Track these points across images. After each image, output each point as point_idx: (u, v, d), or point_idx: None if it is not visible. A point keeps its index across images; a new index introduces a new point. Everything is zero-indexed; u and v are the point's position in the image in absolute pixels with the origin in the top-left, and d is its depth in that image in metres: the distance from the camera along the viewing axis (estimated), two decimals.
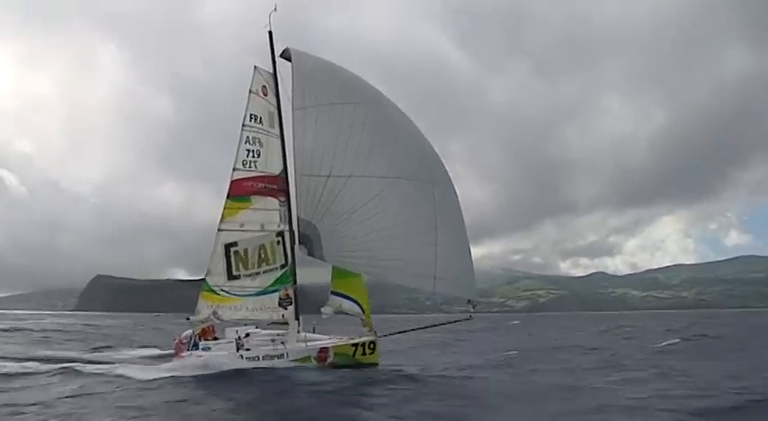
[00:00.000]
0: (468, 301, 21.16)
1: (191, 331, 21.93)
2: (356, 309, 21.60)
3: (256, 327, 22.42)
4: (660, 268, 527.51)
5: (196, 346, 20.99)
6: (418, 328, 24.82)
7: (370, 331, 21.50)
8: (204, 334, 21.64)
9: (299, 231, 18.87)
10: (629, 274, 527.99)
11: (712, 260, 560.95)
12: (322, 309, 21.51)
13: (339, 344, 21.01)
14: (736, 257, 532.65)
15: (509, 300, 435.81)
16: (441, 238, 19.86)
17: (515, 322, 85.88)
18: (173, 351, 21.62)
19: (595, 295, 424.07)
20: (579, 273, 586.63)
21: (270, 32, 22.42)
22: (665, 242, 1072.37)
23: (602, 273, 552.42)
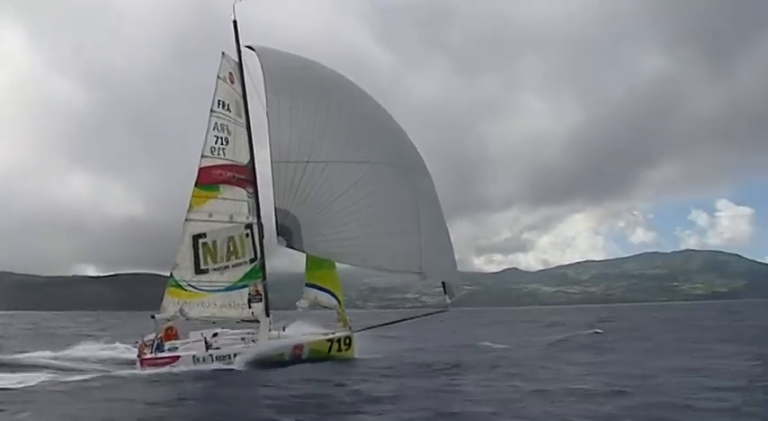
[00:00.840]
0: (445, 292, 21.28)
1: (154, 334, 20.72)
2: (332, 301, 21.22)
3: (222, 329, 21.38)
4: (570, 264, 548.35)
5: (160, 348, 19.78)
6: (393, 322, 24.44)
7: (344, 326, 21.05)
8: (167, 337, 20.32)
9: (276, 222, 18.15)
10: (541, 270, 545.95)
11: (619, 256, 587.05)
12: (297, 303, 21.12)
13: (314, 340, 20.48)
14: (641, 254, 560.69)
15: (423, 295, 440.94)
16: (423, 224, 19.83)
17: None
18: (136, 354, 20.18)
19: (507, 291, 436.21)
20: (493, 269, 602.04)
21: (234, 22, 21.72)
22: (575, 239, 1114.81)
23: (515, 269, 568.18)
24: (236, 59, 21.46)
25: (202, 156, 20.23)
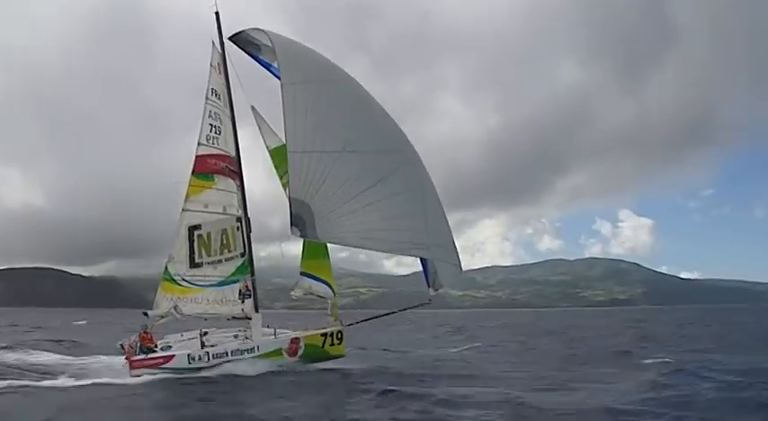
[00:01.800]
0: (429, 285, 21.25)
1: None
2: (328, 291, 21.24)
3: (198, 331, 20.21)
4: (479, 269, 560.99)
5: (143, 351, 18.94)
6: (382, 315, 24.38)
7: (336, 321, 20.90)
8: (143, 341, 19.25)
9: (291, 212, 17.66)
10: None
11: (526, 262, 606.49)
12: (292, 293, 21.01)
13: (309, 334, 20.31)
14: (547, 260, 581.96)
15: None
16: (428, 208, 19.91)
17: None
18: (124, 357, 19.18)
19: (415, 293, 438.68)
20: (403, 271, 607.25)
21: (216, 13, 21.24)
22: (485, 244, 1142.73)
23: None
24: (220, 50, 21.01)
25: (199, 144, 19.74)
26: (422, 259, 20.92)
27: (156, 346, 19.33)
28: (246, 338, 19.72)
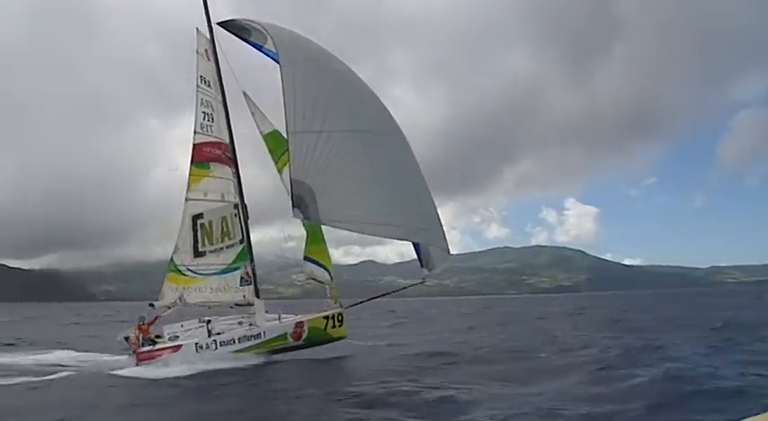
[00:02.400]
0: (422, 265, 21.44)
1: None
2: (326, 276, 21.46)
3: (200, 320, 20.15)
4: None
5: (147, 344, 19.07)
6: (378, 296, 24.93)
7: (336, 303, 21.21)
8: (143, 334, 19.39)
9: (292, 193, 17.52)
10: (398, 263, 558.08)
11: (473, 251, 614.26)
12: (294, 277, 21.09)
13: (312, 317, 20.49)
14: (493, 248, 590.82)
15: (280, 286, 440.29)
16: (422, 191, 20.24)
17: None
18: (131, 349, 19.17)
19: (363, 283, 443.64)
20: (351, 261, 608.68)
21: None
22: None
23: (373, 261, 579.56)
24: (208, 36, 21.03)
25: (195, 133, 19.91)
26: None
27: (157, 337, 19.48)
28: (251, 324, 19.89)
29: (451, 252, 21.49)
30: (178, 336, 19.12)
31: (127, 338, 19.21)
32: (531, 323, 37.29)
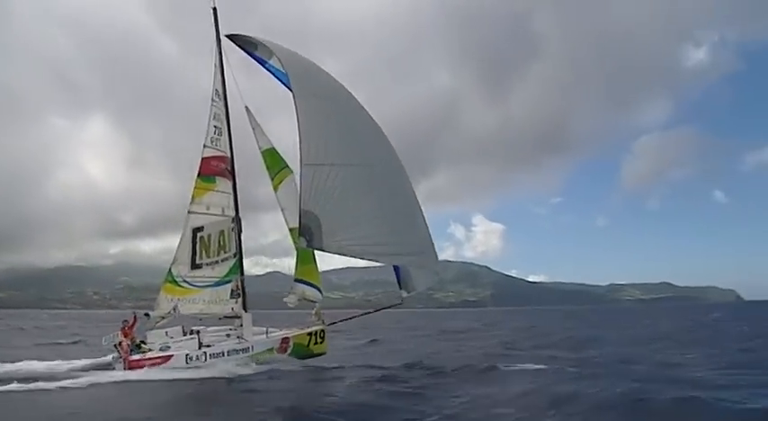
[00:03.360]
0: (400, 287, 22.57)
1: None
2: (318, 295, 22.54)
3: (187, 330, 20.54)
4: (335, 269, 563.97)
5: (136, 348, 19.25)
6: (362, 314, 25.79)
7: (318, 320, 22.13)
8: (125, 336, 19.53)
9: (301, 223, 18.03)
10: None
11: (380, 264, 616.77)
12: (285, 299, 21.91)
13: (297, 333, 21.34)
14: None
15: None
16: (418, 218, 21.27)
17: None
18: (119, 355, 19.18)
19: (270, 295, 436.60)
20: (259, 271, 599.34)
21: (214, 9, 21.75)
22: None
23: (280, 272, 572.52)
24: (217, 48, 21.47)
25: (204, 146, 20.27)
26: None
27: (142, 343, 19.61)
28: (238, 337, 20.39)
29: (380, 264, 22.46)
30: (170, 347, 19.34)
31: (118, 345, 19.17)
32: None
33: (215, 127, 20.49)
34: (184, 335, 19.96)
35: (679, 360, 21.85)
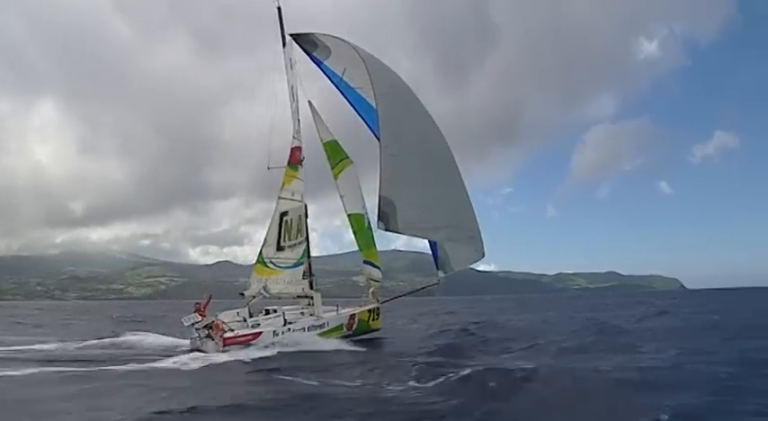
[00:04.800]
0: (437, 268, 24.63)
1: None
2: (380, 275, 25.02)
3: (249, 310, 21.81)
4: None
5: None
6: (402, 295, 30.10)
7: (374, 299, 24.63)
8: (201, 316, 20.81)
9: (380, 208, 19.75)
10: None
11: (333, 253, 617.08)
12: (355, 278, 23.73)
13: (361, 310, 23.56)
14: (353, 251, 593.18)
15: (129, 286, 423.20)
16: (468, 202, 23.41)
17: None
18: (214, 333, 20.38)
19: (218, 283, 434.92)
20: (209, 260, 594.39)
21: (279, 8, 23.38)
22: None
23: (229, 262, 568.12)
24: (282, 47, 23.03)
25: (293, 137, 22.06)
26: (431, 243, 24.26)
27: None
28: (311, 315, 22.16)
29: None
30: (259, 324, 20.84)
31: (211, 325, 20.40)
32: None
33: (297, 120, 22.12)
34: (250, 315, 21.26)
35: None
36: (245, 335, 20.01)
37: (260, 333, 20.26)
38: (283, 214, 21.51)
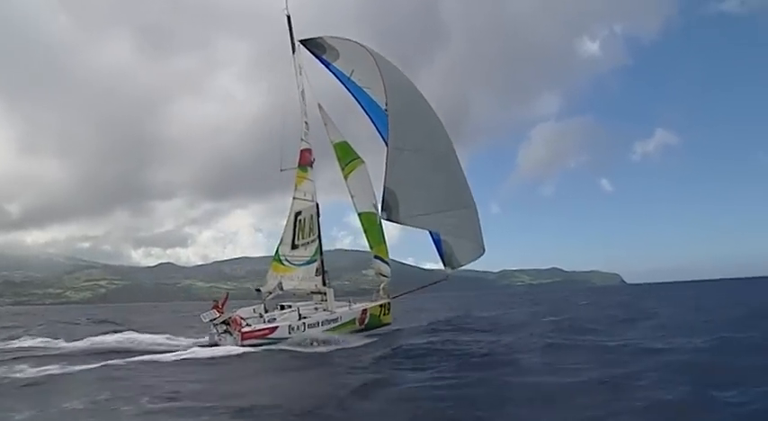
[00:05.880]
0: (444, 265, 25.81)
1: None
2: (389, 270, 25.90)
3: (265, 307, 22.66)
4: (228, 260, 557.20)
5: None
6: (416, 289, 29.26)
7: (384, 294, 25.56)
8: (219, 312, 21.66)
9: (384, 199, 20.31)
10: (199, 266, 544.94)
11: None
12: (365, 271, 24.48)
13: (373, 305, 24.47)
14: None
15: (68, 290, 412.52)
16: (469, 197, 24.20)
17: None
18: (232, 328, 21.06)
19: (160, 286, 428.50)
20: (151, 263, 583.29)
21: (288, 17, 24.15)
22: (237, 235, 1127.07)
23: (172, 264, 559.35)
24: (292, 53, 23.84)
25: (301, 140, 22.90)
26: (434, 240, 25.41)
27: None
28: (324, 310, 22.96)
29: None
30: (275, 319, 21.61)
31: (229, 320, 21.03)
32: None
33: (305, 122, 22.97)
34: (266, 311, 22.03)
35: None
36: (262, 330, 20.60)
37: (276, 327, 20.97)
38: (298, 214, 22.31)
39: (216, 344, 20.57)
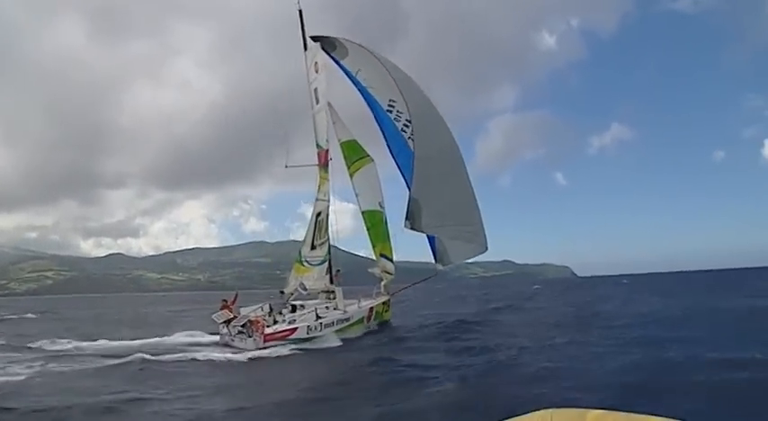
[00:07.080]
0: (436, 261, 26.12)
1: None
2: (393, 268, 26.26)
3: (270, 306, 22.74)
4: (180, 251, 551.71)
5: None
6: (411, 285, 30.13)
7: (385, 292, 26.16)
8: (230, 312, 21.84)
9: (409, 209, 21.11)
10: (150, 256, 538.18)
11: (230, 244, 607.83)
12: (370, 270, 25.99)
13: (377, 303, 24.89)
14: (250, 242, 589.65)
15: (11, 282, 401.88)
16: (475, 201, 24.82)
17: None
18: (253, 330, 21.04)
19: (109, 277, 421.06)
20: (101, 253, 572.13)
21: (300, 11, 24.42)
22: (189, 225, 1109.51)
23: (122, 254, 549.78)
24: (304, 50, 24.02)
25: (322, 142, 23.09)
26: (429, 237, 25.62)
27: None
28: (335, 309, 23.02)
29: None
30: (295, 320, 21.73)
31: (246, 323, 20.77)
32: None
33: (329, 119, 23.26)
34: (271, 311, 22.14)
35: None
36: (284, 331, 20.59)
37: (296, 328, 21.04)
38: (318, 214, 22.59)
39: (227, 345, 20.57)
